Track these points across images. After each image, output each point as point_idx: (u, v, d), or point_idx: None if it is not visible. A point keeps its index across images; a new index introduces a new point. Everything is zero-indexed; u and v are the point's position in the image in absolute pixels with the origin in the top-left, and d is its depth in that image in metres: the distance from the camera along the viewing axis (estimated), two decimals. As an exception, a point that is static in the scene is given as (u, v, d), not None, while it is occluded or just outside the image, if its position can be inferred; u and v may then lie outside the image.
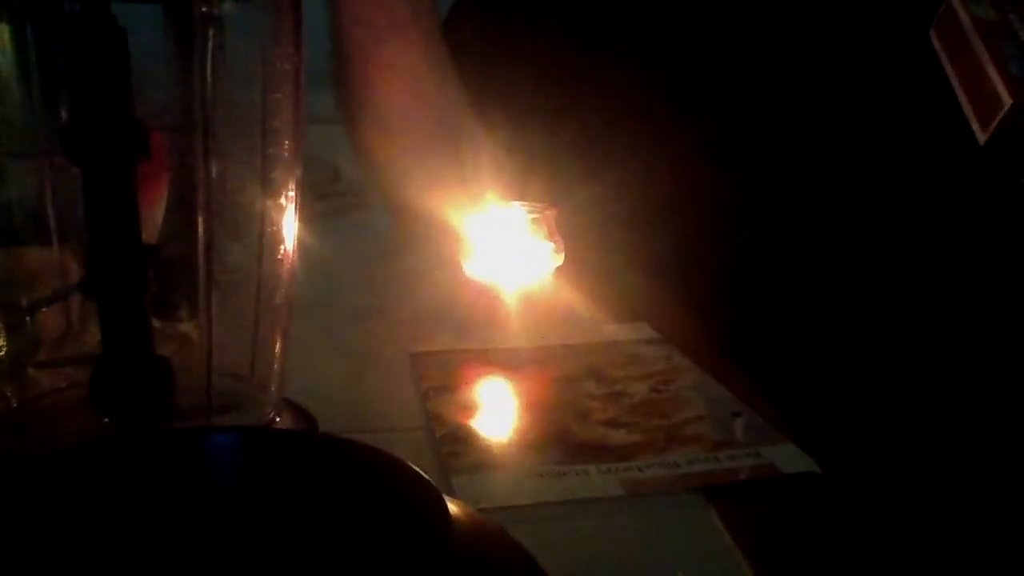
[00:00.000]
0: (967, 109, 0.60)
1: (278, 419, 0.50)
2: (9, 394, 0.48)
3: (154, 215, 0.46)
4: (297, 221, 0.49)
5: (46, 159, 0.45)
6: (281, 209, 0.48)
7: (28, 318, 0.48)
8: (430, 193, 0.80)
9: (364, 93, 0.87)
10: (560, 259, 0.73)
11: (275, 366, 0.50)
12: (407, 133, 0.87)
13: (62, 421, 0.47)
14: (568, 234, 0.74)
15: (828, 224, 0.81)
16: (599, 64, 0.84)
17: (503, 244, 0.72)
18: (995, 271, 0.79)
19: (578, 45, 0.85)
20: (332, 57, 0.87)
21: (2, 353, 0.47)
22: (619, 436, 0.53)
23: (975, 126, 0.60)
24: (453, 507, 0.31)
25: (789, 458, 0.51)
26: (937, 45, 0.63)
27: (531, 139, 0.88)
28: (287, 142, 0.47)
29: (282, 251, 0.48)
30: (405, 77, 0.86)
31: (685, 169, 0.82)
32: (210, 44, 0.44)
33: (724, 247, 0.82)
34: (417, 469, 0.32)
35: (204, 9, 0.44)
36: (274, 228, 0.48)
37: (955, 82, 0.61)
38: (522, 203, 0.74)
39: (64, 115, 0.43)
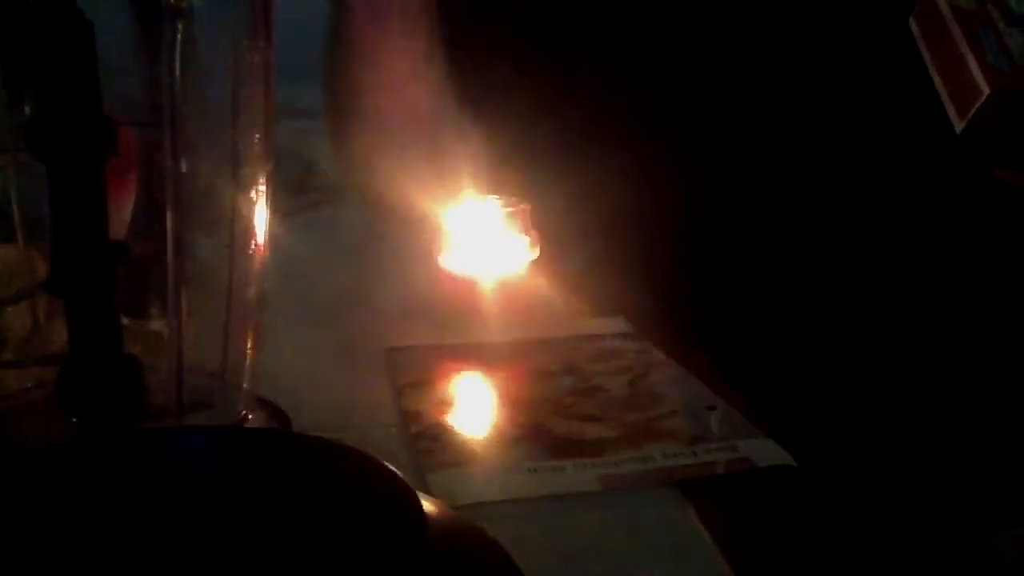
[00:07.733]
0: (945, 97, 0.61)
1: (250, 417, 0.49)
2: (-25, 395, 0.47)
3: (123, 211, 0.46)
4: (268, 216, 0.48)
5: (11, 155, 0.44)
6: (252, 204, 0.47)
7: (-7, 317, 0.47)
8: (409, 187, 0.80)
9: (357, 88, 0.87)
10: (536, 253, 0.73)
11: (247, 363, 0.49)
12: (391, 128, 0.88)
13: (30, 422, 0.46)
14: (543, 228, 0.74)
15: (802, 213, 0.81)
16: (575, 64, 0.84)
17: (479, 238, 0.72)
18: (968, 259, 0.80)
19: (555, 46, 0.85)
20: (326, 53, 0.88)
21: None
22: (595, 431, 0.53)
23: (952, 114, 0.60)
24: (428, 505, 0.30)
25: (765, 451, 0.51)
26: (916, 33, 0.63)
27: (508, 135, 0.88)
28: (257, 136, 0.46)
29: (253, 246, 0.48)
30: (399, 76, 0.87)
31: (660, 163, 0.82)
32: (179, 37, 0.43)
33: (699, 240, 0.82)
34: (391, 467, 0.32)
35: (173, 1, 0.43)
36: (245, 223, 0.47)
37: (933, 70, 0.62)
38: (498, 197, 0.74)
39: (28, 110, 0.42)
